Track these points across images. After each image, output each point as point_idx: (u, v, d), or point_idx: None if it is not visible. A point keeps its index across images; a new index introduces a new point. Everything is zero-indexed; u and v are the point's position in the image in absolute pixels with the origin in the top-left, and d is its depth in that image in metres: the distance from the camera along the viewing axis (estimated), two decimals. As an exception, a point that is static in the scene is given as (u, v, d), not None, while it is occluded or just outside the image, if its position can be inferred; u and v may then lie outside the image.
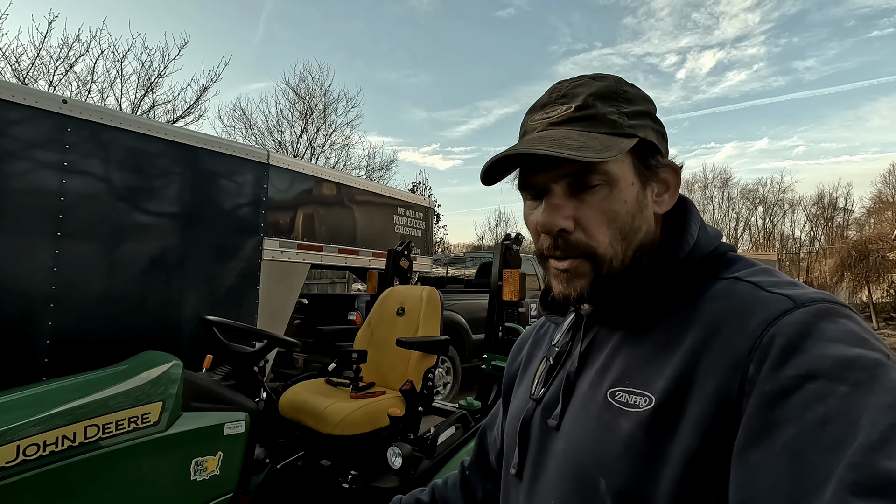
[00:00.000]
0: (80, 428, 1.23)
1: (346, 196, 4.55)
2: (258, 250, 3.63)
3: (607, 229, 0.49)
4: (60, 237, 2.63)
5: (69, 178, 2.67)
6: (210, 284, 3.31)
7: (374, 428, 1.92)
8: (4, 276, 2.40)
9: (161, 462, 1.37)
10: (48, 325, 2.58)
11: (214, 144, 3.43)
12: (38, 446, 1.15)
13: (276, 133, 12.43)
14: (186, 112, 9.05)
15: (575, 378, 0.53)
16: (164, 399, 1.40)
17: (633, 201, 0.49)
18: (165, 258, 3.04)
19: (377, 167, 13.87)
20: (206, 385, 1.56)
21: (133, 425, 1.32)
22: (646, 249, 0.52)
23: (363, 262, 4.72)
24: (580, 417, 0.50)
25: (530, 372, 0.64)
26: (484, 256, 7.35)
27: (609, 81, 0.52)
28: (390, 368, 2.28)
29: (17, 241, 2.44)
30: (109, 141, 2.81)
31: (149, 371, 1.45)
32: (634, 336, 0.50)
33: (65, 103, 2.73)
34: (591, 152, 0.46)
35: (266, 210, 3.67)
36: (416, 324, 2.24)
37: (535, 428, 0.56)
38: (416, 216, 5.42)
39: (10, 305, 2.43)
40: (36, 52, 7.14)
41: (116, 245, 2.83)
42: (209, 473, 1.48)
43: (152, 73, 8.51)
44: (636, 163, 0.50)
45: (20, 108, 2.52)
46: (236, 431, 1.56)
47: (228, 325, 1.77)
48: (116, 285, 2.81)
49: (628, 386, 0.46)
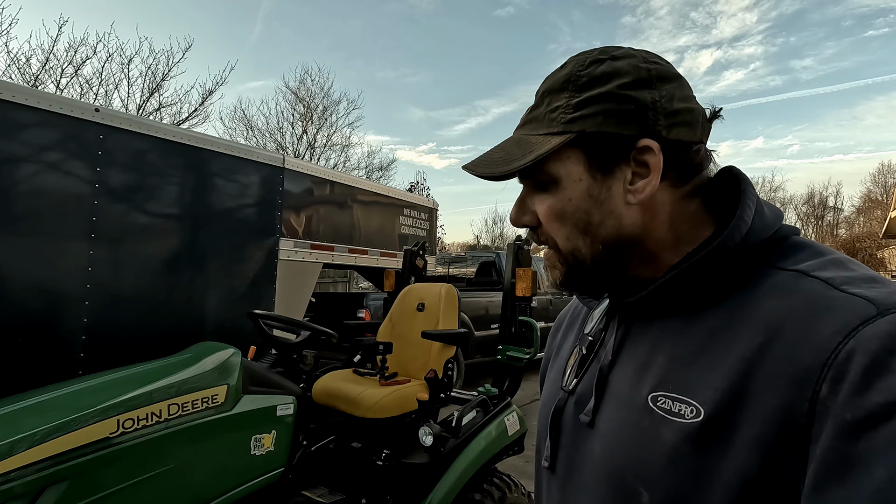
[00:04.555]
0: (164, 406, 1.41)
1: (355, 198, 4.73)
2: (275, 250, 3.81)
3: (560, 225, 0.49)
4: (94, 238, 2.80)
5: (102, 183, 2.84)
6: (231, 283, 3.49)
7: (403, 412, 2.12)
8: (44, 275, 2.57)
9: (228, 438, 1.56)
10: (84, 321, 2.75)
11: (234, 150, 3.62)
12: (133, 421, 1.34)
13: (276, 134, 12.58)
14: (192, 114, 9.17)
15: (608, 372, 0.50)
16: (227, 383, 1.59)
17: (580, 198, 0.47)
18: (190, 258, 3.22)
19: (376, 168, 14.05)
20: (259, 371, 1.75)
21: (206, 405, 1.51)
22: (632, 242, 0.48)
23: (371, 261, 4.91)
24: (618, 420, 0.46)
25: (562, 357, 0.61)
26: (482, 256, 7.54)
27: (573, 65, 0.49)
28: (411, 359, 2.48)
29: (55, 243, 2.61)
30: (139, 147, 2.99)
31: (212, 358, 1.64)
32: (674, 332, 0.46)
33: (97, 112, 2.91)
34: (501, 165, 0.48)
35: (282, 212, 3.85)
36: (437, 318, 2.44)
37: (567, 420, 0.53)
38: (421, 217, 5.61)
39: (48, 303, 2.60)
40: (45, 55, 7.24)
41: (145, 246, 3.00)
42: (265, 450, 1.67)
43: (157, 76, 8.63)
44: (586, 157, 0.47)
45: (56, 116, 2.68)
46: (286, 413, 1.75)
47: (273, 318, 1.95)
48: (145, 284, 2.99)
49: (671, 391, 0.43)
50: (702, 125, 0.48)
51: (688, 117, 0.47)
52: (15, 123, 2.47)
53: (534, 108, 0.51)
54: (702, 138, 0.49)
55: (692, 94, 0.49)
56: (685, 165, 0.48)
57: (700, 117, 0.48)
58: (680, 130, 0.46)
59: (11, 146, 2.45)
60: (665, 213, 0.48)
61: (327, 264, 4.48)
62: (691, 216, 0.49)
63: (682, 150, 0.47)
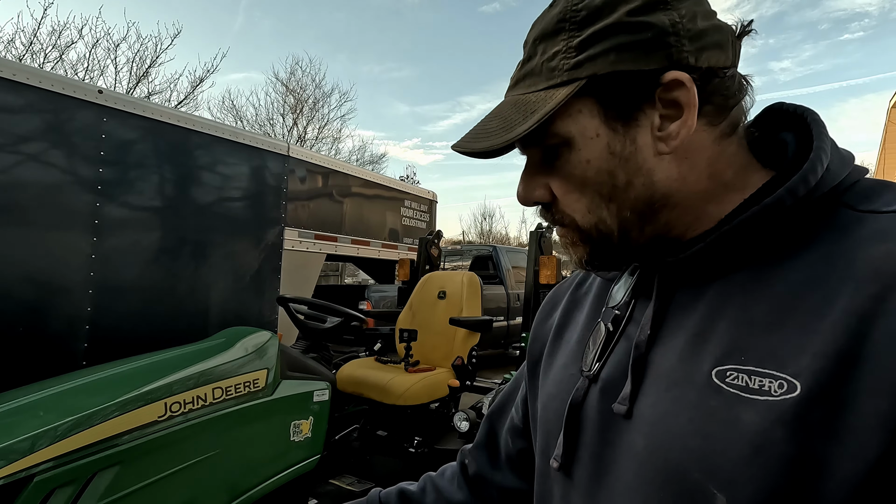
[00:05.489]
0: (208, 390, 1.36)
1: (358, 189, 4.67)
2: (280, 240, 3.74)
3: (580, 195, 0.42)
4: (98, 225, 2.70)
5: (105, 168, 2.74)
6: (236, 272, 3.41)
7: (432, 399, 2.10)
8: (46, 263, 2.46)
9: (269, 423, 1.52)
10: (87, 310, 2.65)
11: (240, 136, 3.53)
12: (179, 404, 1.28)
13: (266, 126, 12.36)
14: (181, 102, 8.93)
15: (647, 349, 0.41)
16: (267, 367, 1.54)
17: (600, 157, 0.40)
18: (194, 247, 3.13)
19: (367, 161, 13.93)
20: (296, 356, 1.70)
21: (247, 388, 1.46)
22: (667, 200, 0.41)
23: (373, 252, 4.87)
24: (669, 404, 0.37)
25: (568, 340, 0.52)
26: (477, 250, 7.55)
27: (565, 0, 0.41)
28: (432, 347, 2.45)
29: (57, 230, 2.51)
30: (142, 131, 2.88)
31: (249, 343, 1.59)
32: (741, 292, 0.37)
33: (100, 93, 2.79)
34: (499, 135, 0.41)
35: (286, 201, 3.78)
36: (460, 306, 2.41)
37: (590, 413, 0.44)
38: (422, 208, 5.57)
39: (51, 292, 2.50)
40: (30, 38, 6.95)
41: (149, 233, 2.91)
42: (303, 436, 1.62)
43: (145, 61, 8.39)
44: (600, 106, 0.40)
45: (57, 97, 2.56)
46: (322, 399, 1.71)
47: (305, 302, 1.90)
48: (149, 272, 2.90)
49: (747, 363, 0.34)
50: (732, 45, 0.40)
51: (717, 37, 0.39)
52: (13, 104, 2.35)
53: (526, 60, 0.43)
54: (734, 61, 0.41)
55: (713, 9, 0.41)
56: (721, 97, 0.40)
57: (729, 35, 0.40)
58: (710, 54, 0.39)
59: (10, 128, 2.33)
60: (703, 159, 0.40)
61: (330, 255, 4.41)
62: (734, 159, 0.41)
63: (715, 79, 0.39)
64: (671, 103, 0.39)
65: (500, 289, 6.16)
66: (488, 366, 5.94)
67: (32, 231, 2.39)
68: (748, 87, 0.42)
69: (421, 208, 5.56)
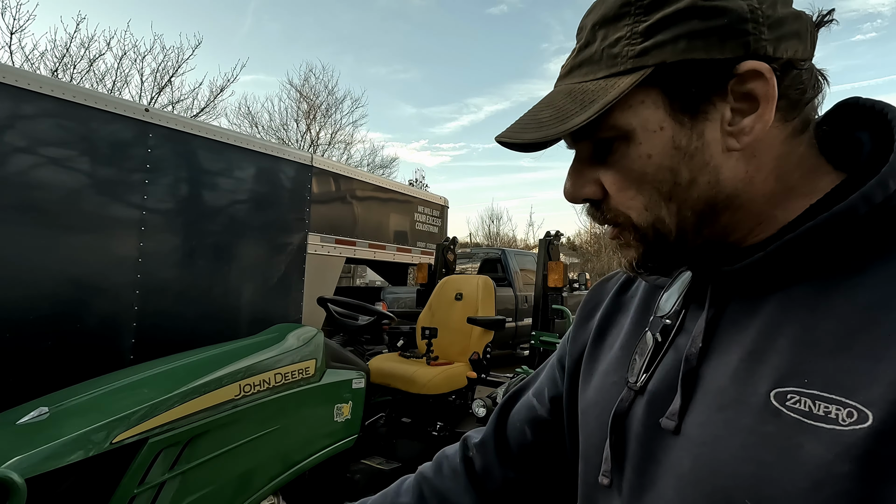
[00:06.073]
0: (270, 375, 1.63)
1: (374, 195, 4.94)
2: (304, 244, 4.02)
3: (636, 193, 0.39)
4: (144, 231, 2.99)
5: (151, 178, 3.03)
6: (265, 274, 3.70)
7: (451, 389, 2.36)
8: (97, 265, 2.76)
9: (317, 405, 1.78)
10: (134, 309, 2.94)
11: (268, 148, 3.82)
12: (250, 386, 1.55)
13: (280, 132, 12.72)
14: (202, 110, 9.29)
15: (698, 363, 0.38)
16: (315, 358, 1.81)
17: (663, 152, 0.37)
18: (228, 251, 3.43)
19: (378, 165, 14.26)
20: (337, 349, 1.97)
21: (300, 375, 1.72)
22: (731, 201, 0.38)
23: (388, 256, 5.13)
24: (720, 424, 0.35)
25: (610, 345, 0.50)
26: (486, 253, 7.78)
27: None
28: (450, 344, 2.71)
29: (107, 235, 2.80)
30: (184, 145, 3.18)
31: (298, 336, 1.85)
32: (804, 308, 0.34)
33: (147, 111, 3.09)
34: (552, 125, 0.38)
35: (310, 208, 4.06)
36: (475, 307, 2.67)
37: (635, 425, 0.42)
38: (434, 214, 5.83)
39: (102, 292, 2.79)
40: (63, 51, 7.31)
41: (189, 239, 3.20)
42: (344, 418, 1.89)
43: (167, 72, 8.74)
44: (666, 97, 0.37)
45: (108, 115, 2.85)
46: (360, 386, 1.97)
47: (342, 302, 2.17)
48: (189, 274, 3.20)
49: (810, 387, 0.31)
50: (810, 35, 0.37)
51: (796, 25, 0.36)
52: (70, 123, 2.63)
53: (583, 46, 0.40)
54: (811, 53, 0.38)
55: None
56: (796, 91, 0.37)
57: (808, 24, 0.37)
58: (789, 44, 0.36)
59: (69, 144, 2.62)
60: (772, 159, 0.38)
61: (349, 258, 4.69)
62: (802, 160, 0.38)
63: (793, 71, 0.36)
64: (745, 96, 0.36)
65: (509, 291, 6.40)
66: (498, 365, 6.17)
67: (88, 237, 2.68)
68: (824, 81, 0.39)
69: (433, 213, 5.82)
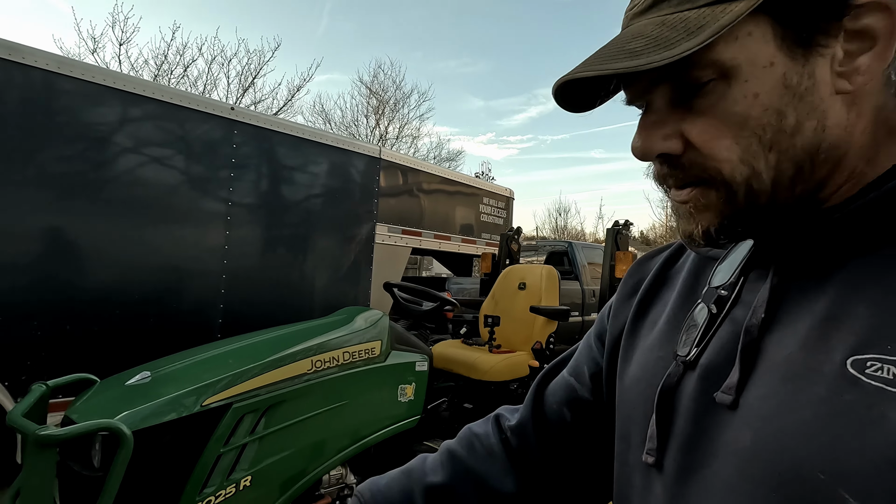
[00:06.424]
0: (339, 353, 1.72)
1: (440, 186, 5.01)
2: (372, 234, 4.17)
3: (733, 141, 0.34)
4: (230, 221, 3.24)
5: (236, 174, 3.28)
6: (336, 262, 3.89)
7: (513, 377, 2.36)
8: (190, 254, 3.03)
9: (382, 385, 1.86)
10: (222, 292, 3.21)
11: (340, 142, 3.99)
12: (321, 362, 1.65)
13: (351, 127, 13.26)
14: (281, 109, 9.93)
15: (759, 334, 0.35)
16: (381, 339, 1.89)
17: (773, 91, 0.33)
18: (304, 240, 3.65)
19: (444, 158, 14.45)
20: (402, 332, 2.04)
21: (367, 355, 1.81)
22: (831, 155, 0.34)
23: (454, 247, 5.19)
24: (788, 396, 0.32)
25: (654, 320, 0.48)
26: (552, 245, 7.62)
27: None
28: (513, 332, 2.71)
29: (199, 227, 3.07)
30: (264, 140, 3.40)
31: (365, 319, 1.94)
32: (882, 270, 0.32)
33: (232, 110, 3.35)
34: (648, 53, 0.32)
35: (378, 199, 4.20)
36: (539, 296, 2.64)
37: (684, 401, 0.39)
38: (499, 205, 5.81)
39: (194, 277, 3.07)
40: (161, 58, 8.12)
41: (269, 229, 3.43)
42: (407, 398, 1.96)
43: (250, 74, 9.42)
44: (778, 27, 0.32)
45: (200, 115, 3.12)
46: (423, 368, 2.03)
47: (407, 287, 2.25)
48: (269, 261, 3.43)
49: (893, 352, 0.29)
50: None
51: None
52: (170, 125, 2.91)
53: None
54: None
55: None
56: None
57: None
58: None
59: (169, 144, 2.91)
60: (871, 107, 0.34)
61: (415, 249, 4.80)
62: (894, 113, 0.35)
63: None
64: (859, 33, 0.32)
65: (575, 284, 6.24)
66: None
67: (183, 229, 2.97)
68: None
69: (498, 205, 5.80)
